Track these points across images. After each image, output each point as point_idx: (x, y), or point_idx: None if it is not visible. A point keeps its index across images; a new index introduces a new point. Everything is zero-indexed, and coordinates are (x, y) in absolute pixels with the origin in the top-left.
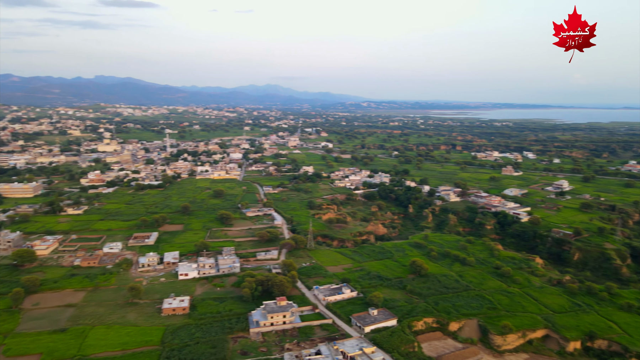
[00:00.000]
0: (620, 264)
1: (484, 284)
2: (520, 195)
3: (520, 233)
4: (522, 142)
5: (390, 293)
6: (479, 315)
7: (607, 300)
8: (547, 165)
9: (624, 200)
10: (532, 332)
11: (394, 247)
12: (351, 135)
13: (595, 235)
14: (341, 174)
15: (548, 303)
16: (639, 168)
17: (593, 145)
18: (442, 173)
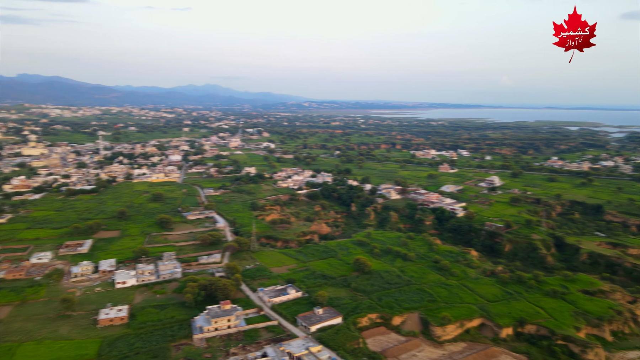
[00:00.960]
0: (546, 253)
1: (424, 278)
2: (456, 191)
3: (457, 227)
4: (457, 141)
5: (335, 291)
6: (420, 308)
7: (535, 288)
8: (480, 162)
9: (547, 193)
10: (469, 322)
11: (337, 246)
12: (293, 136)
13: (523, 227)
14: (284, 175)
15: (483, 293)
16: (560, 164)
17: (520, 143)
18: (383, 171)
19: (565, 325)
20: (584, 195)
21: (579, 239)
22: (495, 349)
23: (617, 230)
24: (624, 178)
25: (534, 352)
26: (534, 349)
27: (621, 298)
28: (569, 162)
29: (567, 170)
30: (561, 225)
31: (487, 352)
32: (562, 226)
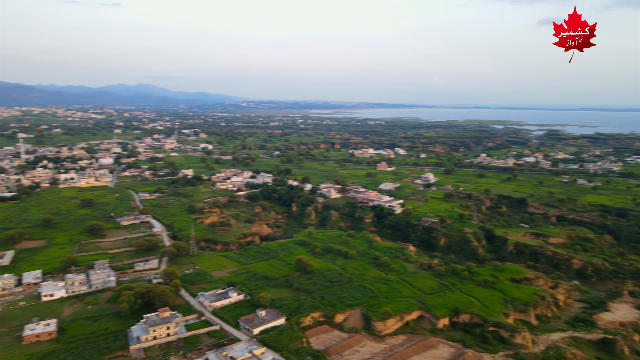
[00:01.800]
0: (477, 245)
1: (365, 274)
2: (394, 188)
3: (395, 224)
4: (394, 139)
5: (277, 292)
6: (362, 304)
7: (468, 279)
8: (416, 160)
9: (477, 189)
10: (408, 315)
11: (279, 247)
12: (231, 136)
13: (456, 222)
14: (223, 176)
15: (421, 286)
16: (488, 160)
17: (452, 141)
18: (323, 171)
19: (495, 312)
20: (509, 189)
21: (506, 231)
22: (433, 339)
23: (539, 222)
24: (544, 173)
25: (468, 340)
26: (468, 337)
27: (544, 284)
28: (496, 158)
29: (495, 167)
30: (490, 218)
31: (425, 343)
32: (491, 219)
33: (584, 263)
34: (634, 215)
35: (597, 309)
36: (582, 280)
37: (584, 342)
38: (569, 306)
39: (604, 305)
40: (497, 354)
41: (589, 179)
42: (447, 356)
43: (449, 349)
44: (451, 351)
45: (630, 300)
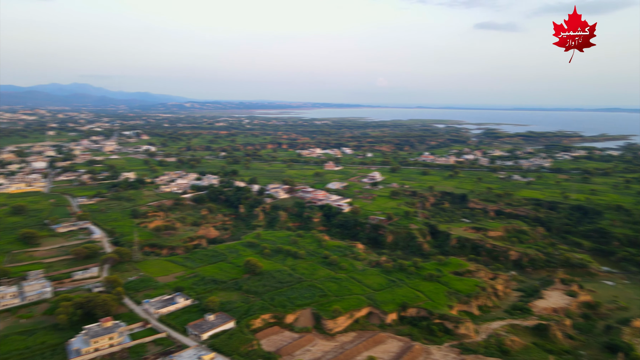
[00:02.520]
0: (423, 241)
1: (315, 274)
2: (342, 187)
3: (344, 223)
4: (341, 139)
5: (226, 296)
6: (312, 304)
7: (414, 274)
8: (362, 159)
9: (422, 186)
10: (358, 312)
11: (227, 249)
12: (175, 138)
13: (403, 219)
14: (167, 179)
15: (370, 283)
16: (431, 158)
17: (397, 140)
18: (271, 171)
19: (440, 305)
20: (451, 186)
21: (449, 226)
22: (382, 335)
23: (479, 216)
24: (483, 169)
25: (416, 333)
26: (416, 330)
27: (484, 275)
28: (438, 156)
29: (438, 164)
30: (434, 214)
31: (375, 339)
32: (435, 215)
33: (520, 254)
34: (563, 208)
35: (532, 297)
36: (519, 271)
37: (521, 328)
38: (507, 295)
39: (538, 293)
40: (442, 345)
41: (523, 174)
42: (396, 350)
43: (398, 343)
44: (399, 345)
45: (562, 287)
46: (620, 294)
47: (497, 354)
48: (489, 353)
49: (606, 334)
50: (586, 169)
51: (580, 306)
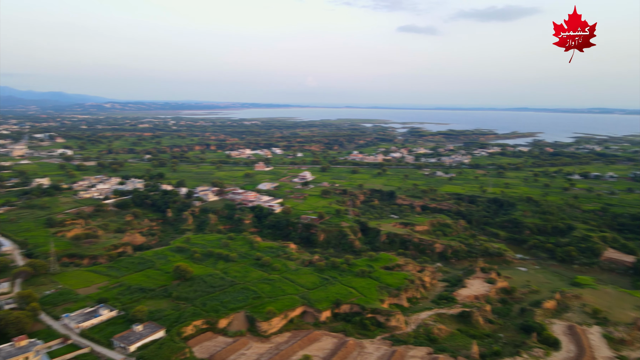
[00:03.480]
0: (354, 238)
1: (247, 276)
2: (273, 188)
3: (276, 223)
4: (270, 139)
5: (155, 304)
6: (246, 306)
7: (346, 271)
8: (293, 159)
9: (352, 184)
10: (292, 312)
11: (155, 255)
12: (95, 140)
13: (334, 217)
14: (86, 184)
15: (303, 282)
16: (360, 157)
17: (326, 140)
18: (199, 173)
19: (372, 299)
20: (380, 183)
21: (379, 223)
22: (317, 333)
23: (407, 212)
24: (409, 167)
25: (349, 328)
26: (349, 326)
27: (413, 269)
28: (367, 155)
29: (366, 163)
30: (364, 211)
31: (309, 337)
32: (365, 212)
33: (445, 246)
34: (481, 201)
35: (456, 287)
36: (444, 262)
37: (447, 317)
38: (434, 286)
39: (462, 282)
40: (375, 339)
41: (445, 171)
42: (331, 347)
43: (332, 339)
44: (334, 341)
45: (482, 275)
46: (532, 278)
47: (425, 343)
48: (418, 342)
49: (521, 316)
50: (500, 164)
51: (499, 292)
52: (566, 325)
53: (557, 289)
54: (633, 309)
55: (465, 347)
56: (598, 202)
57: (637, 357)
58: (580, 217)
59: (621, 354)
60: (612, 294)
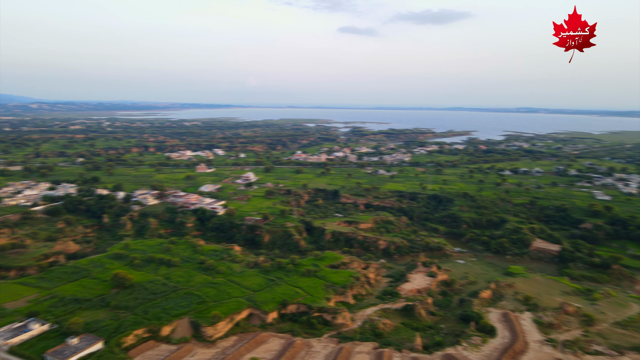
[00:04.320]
0: (299, 238)
1: (191, 281)
2: (215, 190)
3: (219, 226)
4: (212, 140)
5: (92, 315)
6: (190, 312)
7: (292, 271)
8: (236, 160)
9: (296, 184)
10: (238, 315)
11: (90, 264)
12: (20, 143)
13: (279, 217)
14: (11, 190)
15: (249, 285)
16: (304, 157)
17: (269, 140)
18: (137, 177)
19: (319, 298)
20: (324, 182)
21: (324, 222)
22: (264, 334)
23: (351, 210)
24: (352, 166)
25: (297, 328)
26: (296, 326)
27: (358, 266)
28: (310, 155)
29: (310, 162)
30: (309, 211)
31: (256, 339)
32: (309, 212)
33: (388, 243)
34: (421, 198)
35: (399, 281)
36: (388, 258)
37: (391, 311)
38: (379, 282)
39: (405, 277)
40: (322, 337)
41: (387, 169)
42: (278, 348)
43: (279, 340)
44: (281, 342)
45: (424, 269)
46: (470, 270)
47: (371, 338)
48: (364, 338)
49: (460, 306)
50: (439, 162)
51: (439, 285)
52: (501, 313)
53: (492, 279)
54: (560, 295)
55: (409, 339)
56: (527, 195)
57: (564, 339)
58: (512, 211)
59: (550, 336)
60: (541, 282)
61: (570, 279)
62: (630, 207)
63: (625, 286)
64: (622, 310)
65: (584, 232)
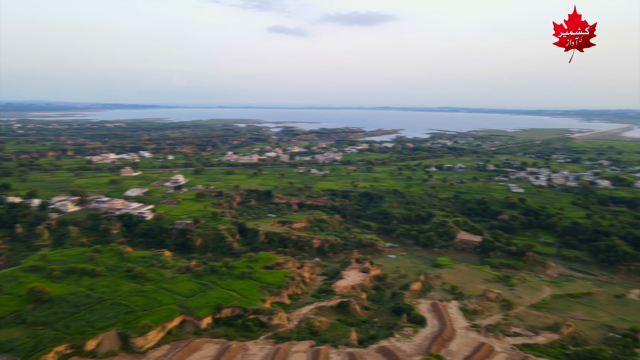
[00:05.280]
0: (232, 240)
1: (118, 290)
2: (142, 194)
3: (147, 231)
4: (137, 142)
5: (6, 333)
6: (117, 323)
7: (226, 274)
8: (163, 162)
9: (227, 185)
10: (170, 322)
11: (2, 278)
12: None
13: (210, 220)
14: None
15: (180, 291)
16: (235, 157)
17: (199, 141)
18: (54, 182)
19: (254, 300)
20: (256, 183)
21: (257, 223)
22: (198, 341)
23: (284, 210)
24: (284, 165)
25: (232, 332)
26: (232, 329)
27: (292, 266)
28: (242, 155)
29: (242, 163)
30: (242, 212)
31: (190, 347)
32: (242, 213)
33: (322, 241)
34: (353, 196)
35: (334, 279)
36: (322, 256)
37: (327, 309)
38: (314, 281)
39: (339, 274)
40: (259, 339)
41: (319, 168)
42: (213, 354)
43: (214, 346)
44: (216, 348)
45: (357, 266)
46: (401, 264)
47: (308, 337)
48: (300, 337)
49: (392, 300)
50: (369, 160)
51: (372, 280)
52: (430, 303)
53: (422, 271)
54: (482, 283)
55: (345, 335)
56: (451, 190)
57: (487, 323)
58: (438, 205)
59: (474, 322)
60: (465, 271)
61: (491, 267)
62: (541, 199)
63: (538, 271)
64: (536, 294)
65: (502, 222)
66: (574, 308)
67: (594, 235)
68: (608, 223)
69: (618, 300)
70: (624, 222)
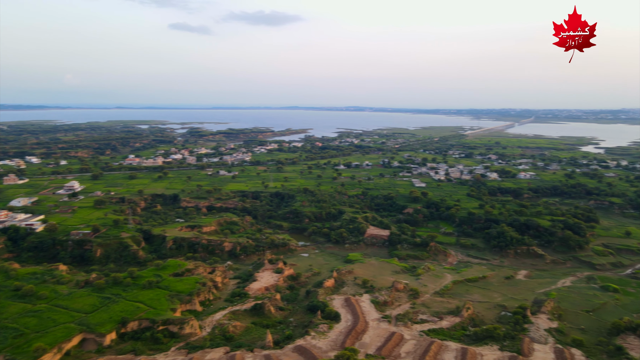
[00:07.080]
0: (137, 249)
1: (4, 312)
2: (31, 204)
3: (38, 244)
4: (23, 147)
5: None
6: (5, 349)
7: (131, 285)
8: (55, 168)
9: (130, 191)
10: (68, 343)
11: None
12: None
13: (112, 229)
14: None
15: (79, 307)
16: (137, 161)
17: (96, 144)
18: None
19: (163, 310)
20: (162, 187)
21: (164, 228)
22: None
23: (192, 214)
24: (191, 168)
25: (140, 346)
26: (139, 343)
27: (203, 271)
28: (145, 158)
29: (145, 167)
30: (147, 218)
31: None
32: (147, 220)
33: (233, 244)
34: (264, 196)
35: (247, 282)
36: (234, 260)
37: (241, 312)
38: (226, 285)
39: (252, 276)
40: (169, 351)
41: (228, 169)
42: None
43: None
44: None
45: (270, 267)
46: (314, 262)
47: (222, 343)
48: (214, 344)
49: (307, 298)
50: (279, 160)
51: (286, 280)
52: (343, 299)
53: (334, 268)
54: (391, 275)
55: (260, 338)
56: (359, 187)
57: (397, 313)
58: (347, 202)
59: (385, 313)
60: (375, 265)
61: (399, 259)
62: (441, 192)
63: (440, 260)
64: (439, 281)
65: (407, 216)
66: (472, 292)
67: (486, 223)
68: (497, 212)
69: (508, 281)
70: (510, 210)
